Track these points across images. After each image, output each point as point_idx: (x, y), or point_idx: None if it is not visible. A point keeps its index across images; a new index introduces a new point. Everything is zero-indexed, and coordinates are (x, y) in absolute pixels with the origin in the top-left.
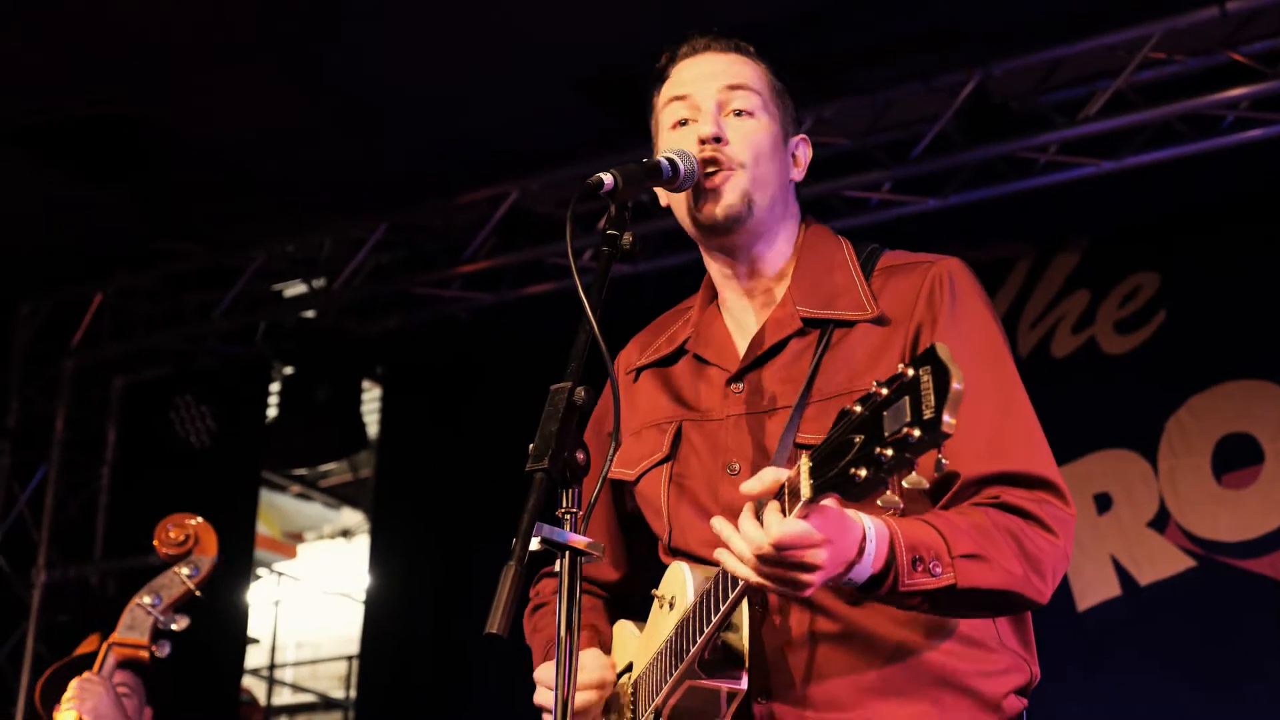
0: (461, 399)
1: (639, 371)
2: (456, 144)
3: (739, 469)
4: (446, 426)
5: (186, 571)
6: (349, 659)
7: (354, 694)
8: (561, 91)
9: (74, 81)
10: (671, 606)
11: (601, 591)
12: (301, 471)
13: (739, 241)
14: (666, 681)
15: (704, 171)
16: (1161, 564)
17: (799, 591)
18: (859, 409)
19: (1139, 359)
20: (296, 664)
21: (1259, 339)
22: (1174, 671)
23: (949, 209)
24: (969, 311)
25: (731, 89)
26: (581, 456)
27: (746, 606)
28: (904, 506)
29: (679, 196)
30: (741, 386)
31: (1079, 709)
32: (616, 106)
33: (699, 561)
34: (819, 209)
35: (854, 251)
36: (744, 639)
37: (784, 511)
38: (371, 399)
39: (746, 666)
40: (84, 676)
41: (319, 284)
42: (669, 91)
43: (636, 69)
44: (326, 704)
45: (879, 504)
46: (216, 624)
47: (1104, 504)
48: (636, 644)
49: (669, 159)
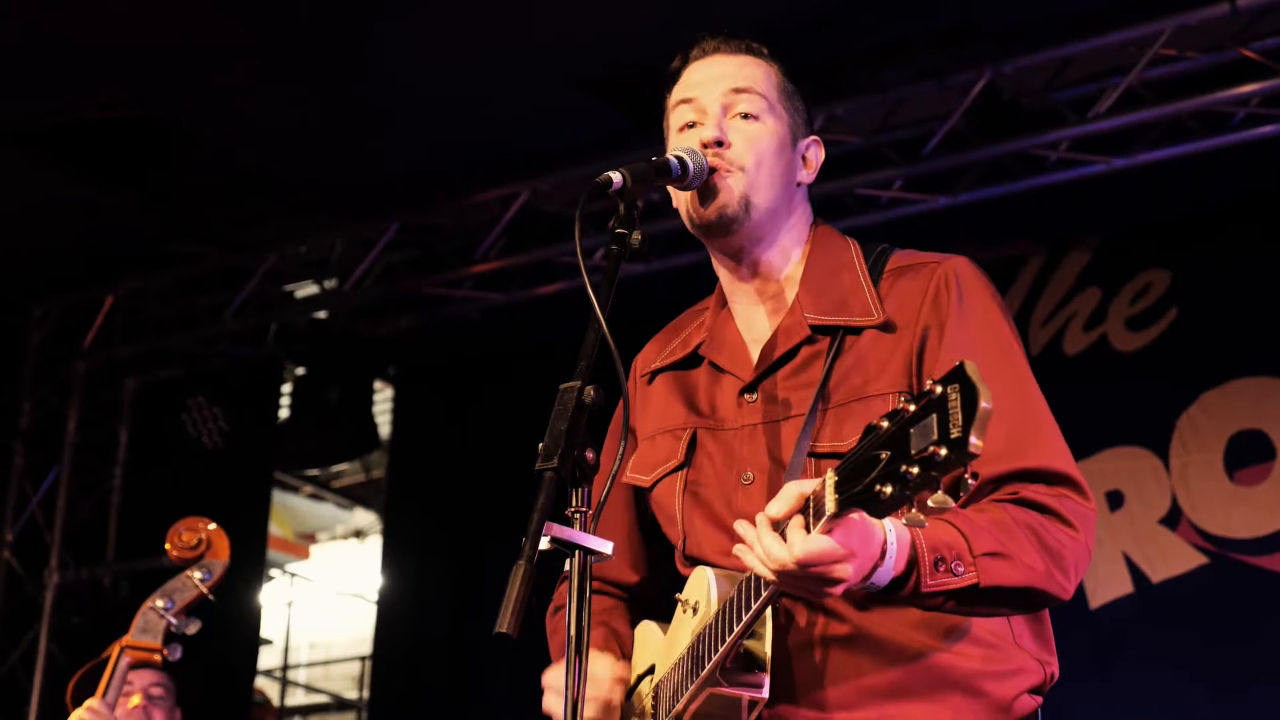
0: (473, 399)
1: (654, 375)
2: (467, 144)
3: (753, 479)
4: (458, 426)
5: (199, 575)
6: (362, 659)
7: (367, 694)
8: (572, 91)
9: (85, 84)
10: (695, 612)
11: (621, 593)
12: (314, 472)
13: (738, 244)
14: (688, 688)
15: (708, 174)
16: (1174, 561)
17: (818, 599)
18: (886, 424)
19: (1150, 356)
20: (309, 665)
21: (1271, 335)
22: (1186, 669)
23: (960, 207)
24: (977, 309)
25: (737, 92)
26: (591, 455)
27: (770, 615)
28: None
29: (683, 198)
30: (755, 396)
31: (1092, 707)
32: (627, 106)
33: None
34: (830, 207)
35: (862, 253)
36: (767, 647)
37: (808, 527)
38: (383, 399)
39: (769, 674)
40: (89, 703)
41: (330, 285)
42: (677, 94)
43: (647, 69)
44: (339, 705)
45: (904, 521)
46: (229, 625)
47: (1116, 501)
48: (659, 646)
49: (678, 157)
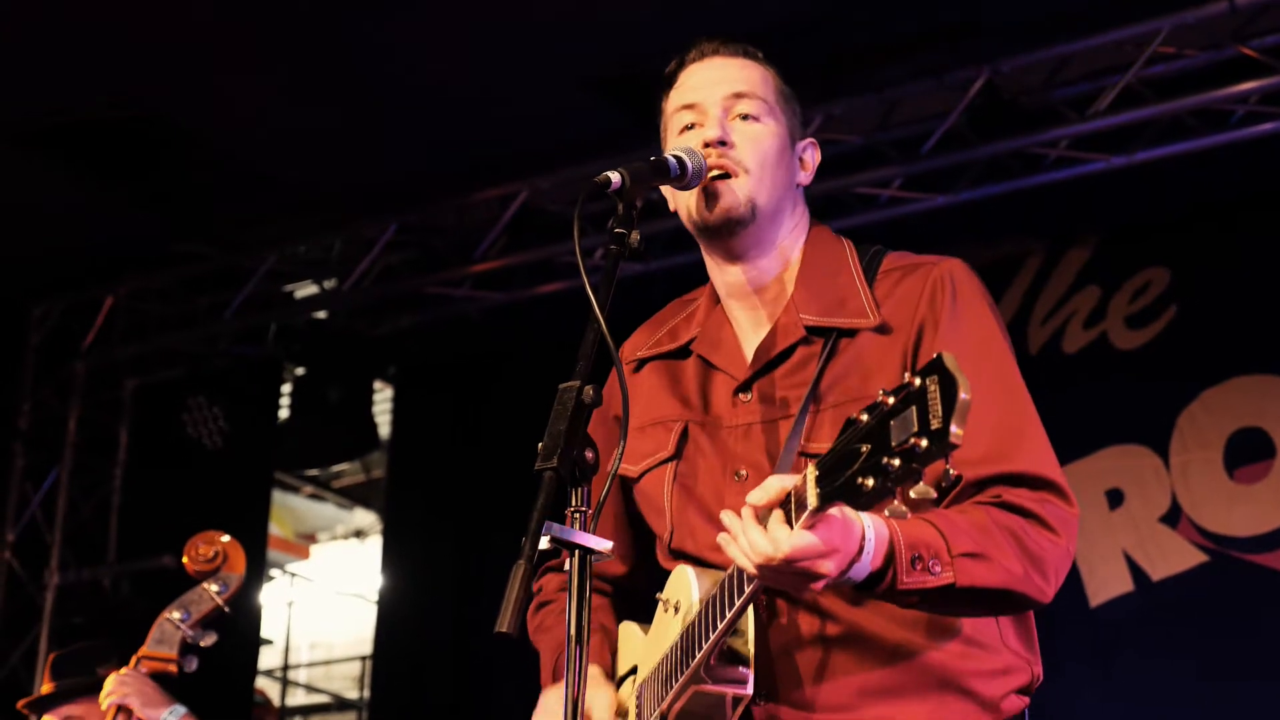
0: (473, 398)
1: (641, 362)
2: (467, 143)
3: (746, 476)
4: (459, 426)
5: (215, 588)
6: (362, 659)
7: (368, 694)
8: (572, 90)
9: (85, 84)
10: (676, 611)
11: (607, 586)
12: (314, 472)
13: (741, 245)
14: (672, 686)
15: (708, 175)
16: (1174, 559)
17: (801, 594)
18: (865, 417)
19: (1150, 354)
20: (310, 665)
21: (1271, 333)
22: (1187, 666)
23: (959, 205)
24: (970, 312)
25: (738, 96)
26: (590, 455)
27: (752, 612)
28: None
29: (683, 198)
30: (750, 395)
31: (1092, 704)
32: (627, 105)
33: (702, 565)
34: (830, 206)
35: (857, 254)
36: (749, 644)
37: (790, 522)
38: (383, 399)
39: (752, 671)
40: (121, 672)
41: (330, 284)
42: (677, 98)
43: (647, 68)
44: (340, 705)
45: (885, 513)
46: (230, 625)
47: (1116, 499)
48: (641, 646)
49: (676, 156)
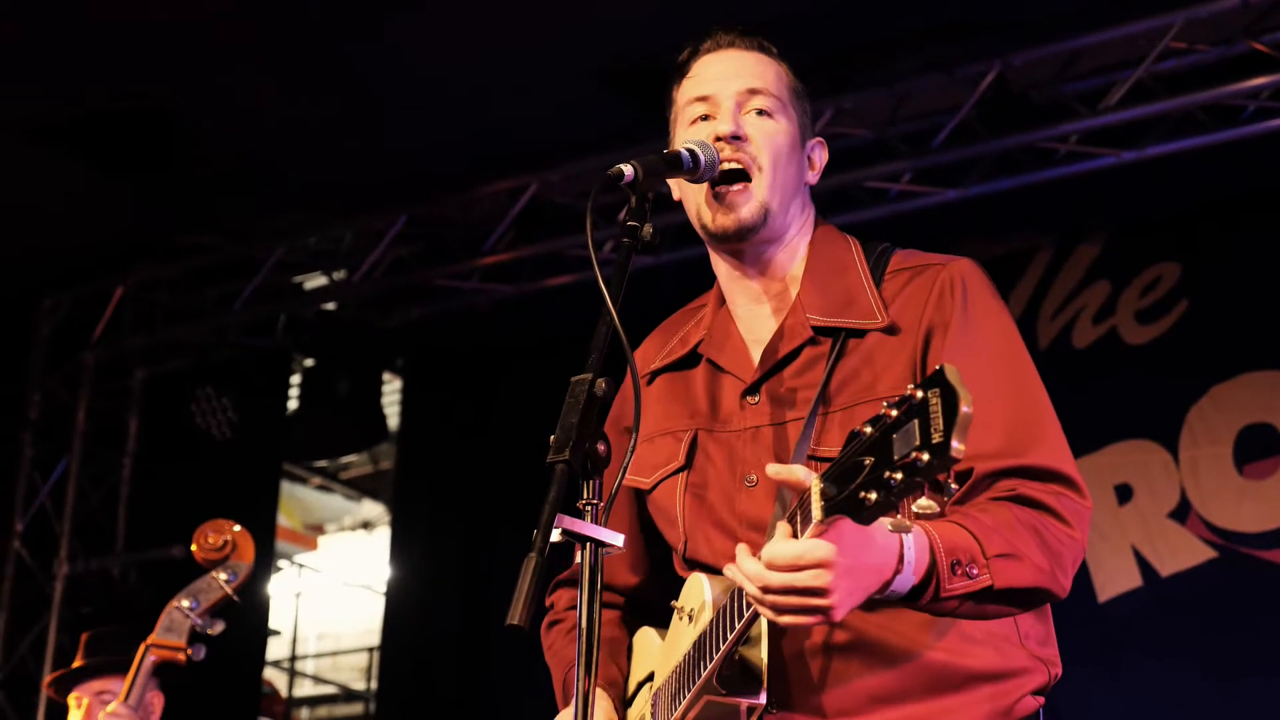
0: (482, 391)
1: (653, 375)
2: (476, 136)
3: (756, 480)
4: (467, 418)
5: (224, 576)
6: (370, 650)
7: (375, 685)
8: (581, 83)
9: (95, 77)
10: (691, 619)
11: (618, 598)
12: (322, 463)
13: (750, 248)
14: (685, 696)
15: (719, 174)
16: (1183, 555)
17: (818, 616)
18: (869, 430)
19: (1160, 349)
20: (318, 655)
21: None
22: (1195, 662)
23: (969, 199)
24: (981, 311)
25: (752, 91)
26: (602, 448)
27: (765, 622)
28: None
29: (692, 197)
30: (758, 398)
31: (1100, 700)
32: (637, 98)
33: (716, 573)
34: (839, 200)
35: (863, 253)
36: (763, 654)
37: (795, 534)
38: (392, 391)
39: (765, 682)
40: (111, 708)
41: (339, 276)
42: (690, 89)
43: (657, 60)
44: (347, 695)
45: (889, 527)
46: (238, 615)
47: (1125, 494)
48: (658, 653)
49: (689, 149)
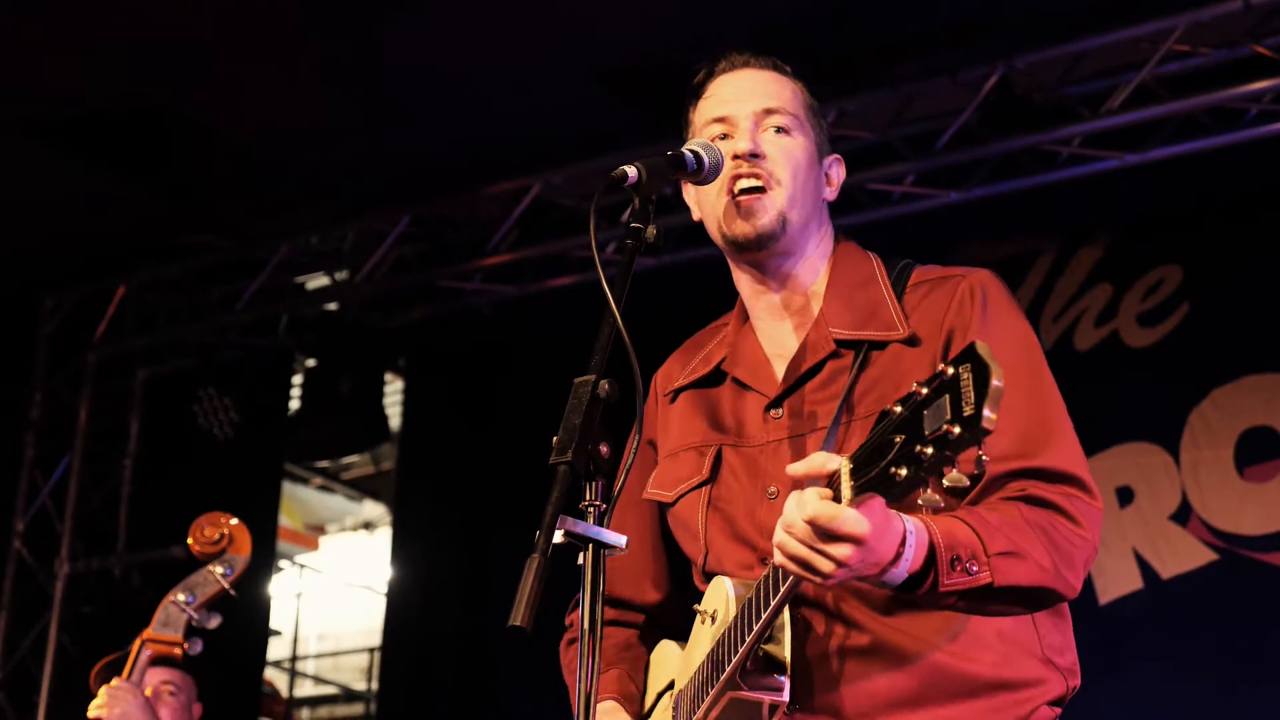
0: (484, 391)
1: (676, 393)
2: (479, 137)
3: (778, 493)
4: (469, 419)
5: (221, 570)
6: (371, 651)
7: (376, 686)
8: (584, 84)
9: (98, 76)
10: (713, 620)
11: (639, 616)
12: (324, 464)
13: (771, 260)
14: (708, 693)
15: (737, 189)
16: (1184, 557)
17: (815, 578)
18: (899, 409)
19: (1162, 352)
20: (318, 656)
21: None
22: (1196, 665)
23: (972, 202)
24: (1000, 316)
25: (769, 111)
26: (605, 449)
27: (788, 618)
28: (944, 505)
29: (711, 209)
30: (781, 411)
31: (1101, 703)
32: (640, 99)
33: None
34: (842, 202)
35: (885, 268)
36: (786, 649)
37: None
38: (394, 391)
39: (789, 677)
40: (112, 684)
41: (342, 276)
42: (707, 110)
43: (660, 62)
44: (348, 696)
45: (919, 503)
46: (239, 615)
47: (1126, 497)
48: (678, 661)
49: (693, 150)
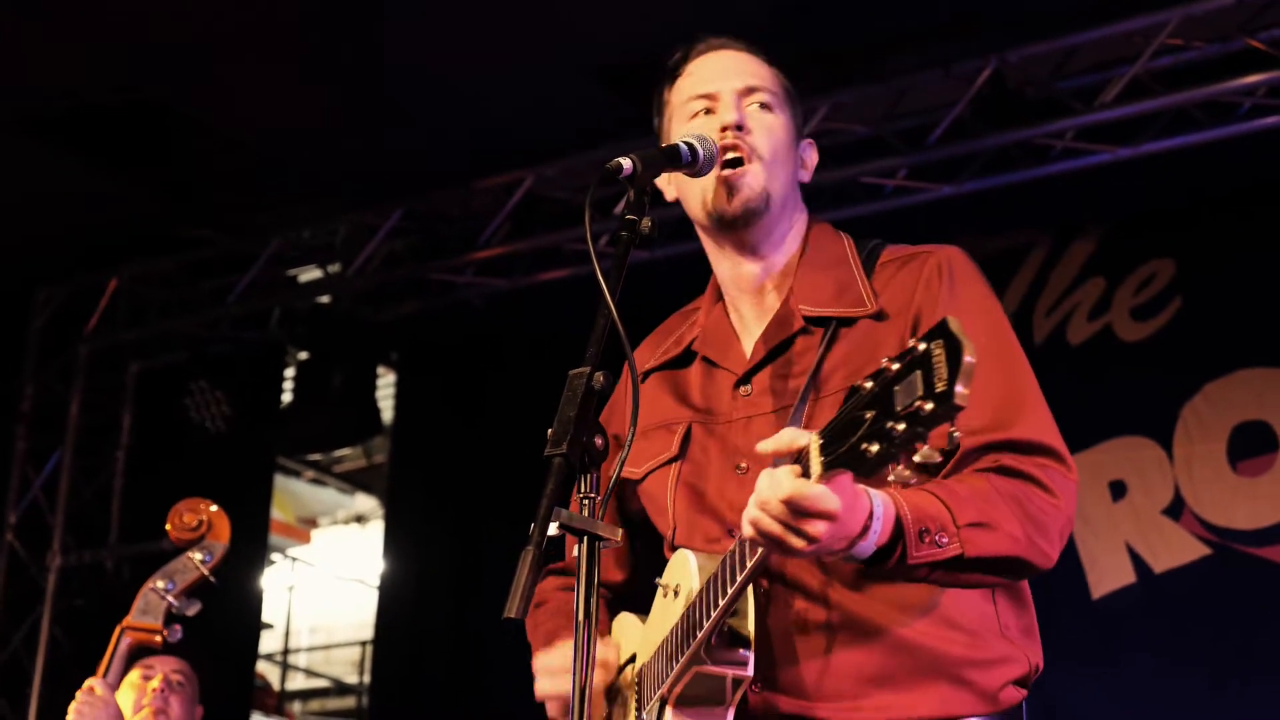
0: (476, 384)
1: (647, 374)
2: (471, 130)
3: (747, 469)
4: (461, 412)
5: (200, 557)
6: (363, 644)
7: (368, 679)
8: (576, 78)
9: (90, 70)
10: (676, 594)
11: (605, 592)
12: (316, 457)
13: (754, 237)
14: (672, 669)
15: (722, 162)
16: (1176, 551)
17: (787, 555)
18: (869, 384)
19: (1155, 346)
20: (310, 649)
21: (1275, 326)
22: (1188, 659)
23: (965, 195)
24: (966, 291)
25: (751, 88)
26: (600, 442)
27: (751, 593)
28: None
29: (692, 190)
30: (750, 388)
31: (1093, 696)
32: (632, 93)
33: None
34: (835, 196)
35: (855, 248)
36: (749, 624)
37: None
38: (386, 384)
39: (753, 653)
40: (87, 691)
41: (334, 269)
42: (688, 88)
43: (653, 56)
44: (340, 689)
45: (890, 479)
46: (230, 609)
47: (1119, 491)
48: (639, 635)
49: (688, 143)
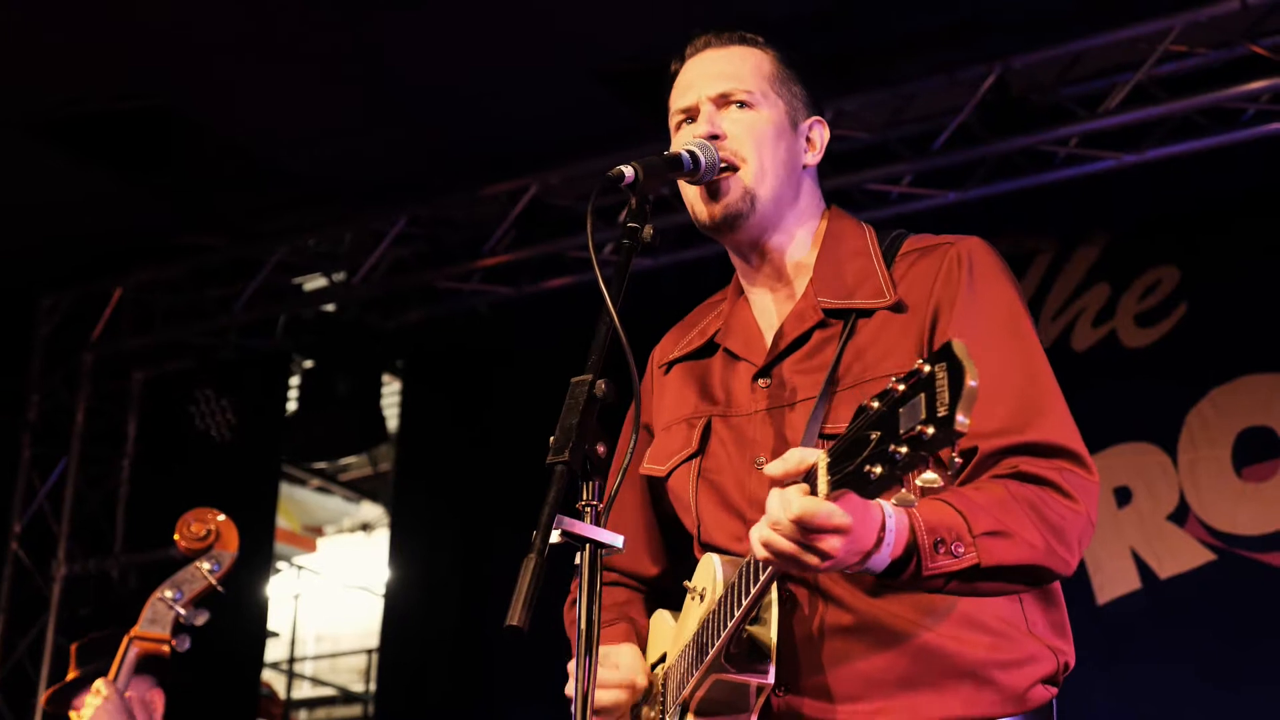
0: (481, 392)
1: (670, 365)
2: (476, 137)
3: (765, 462)
4: (466, 420)
5: (208, 566)
6: (369, 653)
7: (373, 687)
8: (581, 84)
9: (95, 75)
10: (702, 599)
11: (641, 586)
12: (321, 465)
13: (746, 236)
14: (694, 674)
15: (720, 168)
16: (1182, 557)
17: (803, 572)
18: (876, 405)
19: (1159, 352)
20: (316, 657)
21: None
22: (1194, 665)
23: (970, 202)
24: (988, 286)
25: (725, 92)
26: (602, 449)
27: (776, 600)
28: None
29: (690, 195)
30: (769, 380)
31: (1098, 702)
32: (636, 99)
33: (729, 555)
34: (840, 202)
35: (876, 238)
36: (772, 633)
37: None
38: (391, 392)
39: (774, 660)
40: (94, 693)
41: (339, 277)
42: (674, 99)
43: (657, 62)
44: (346, 697)
45: (894, 501)
46: (236, 617)
47: (1124, 497)
48: (671, 634)
49: (689, 151)
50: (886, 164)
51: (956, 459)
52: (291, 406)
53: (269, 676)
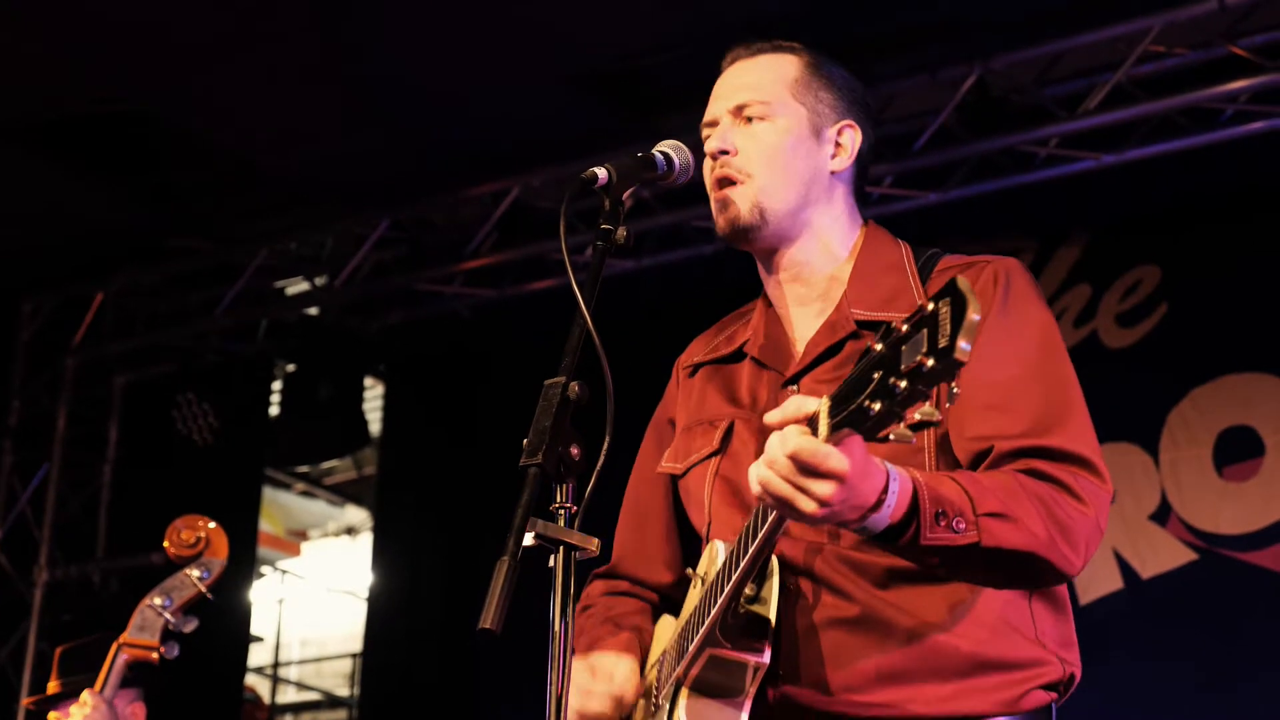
0: (464, 395)
1: (697, 367)
2: (458, 140)
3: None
4: (449, 423)
5: (197, 573)
6: (353, 657)
7: (358, 692)
8: (563, 87)
9: (76, 78)
10: (704, 582)
11: (652, 595)
12: (305, 469)
13: (764, 246)
14: (688, 649)
15: (715, 182)
16: (1163, 557)
17: (797, 518)
18: (879, 346)
19: (1140, 352)
20: (301, 662)
21: (1260, 332)
22: (1176, 664)
23: (950, 203)
24: (1021, 304)
25: (740, 105)
26: (576, 451)
27: (777, 582)
28: (916, 442)
29: (713, 208)
30: (797, 389)
31: (1080, 701)
32: (619, 102)
33: None
34: None
35: (913, 255)
36: (771, 611)
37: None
38: (374, 396)
39: (770, 640)
40: (80, 704)
41: (321, 281)
42: (705, 113)
43: (639, 64)
44: (331, 702)
45: (892, 438)
46: (220, 622)
47: None
48: (672, 630)
49: (663, 152)
50: None
51: (955, 390)
52: (274, 410)
53: (253, 681)
